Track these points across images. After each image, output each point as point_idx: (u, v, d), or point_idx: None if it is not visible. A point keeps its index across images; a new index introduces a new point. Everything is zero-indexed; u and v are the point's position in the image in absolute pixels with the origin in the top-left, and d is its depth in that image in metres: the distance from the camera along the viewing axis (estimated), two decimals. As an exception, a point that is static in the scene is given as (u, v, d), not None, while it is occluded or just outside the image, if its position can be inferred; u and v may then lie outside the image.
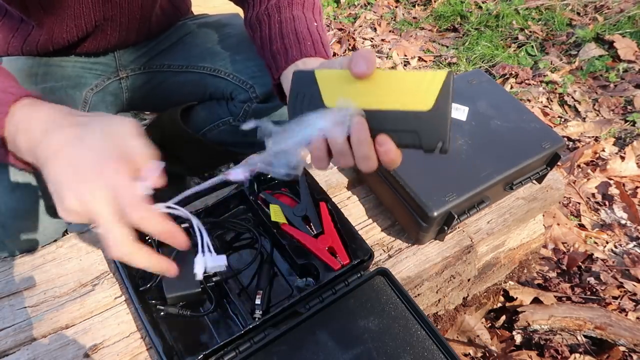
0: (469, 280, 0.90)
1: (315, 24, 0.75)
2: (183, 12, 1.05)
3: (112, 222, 0.43)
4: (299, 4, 0.77)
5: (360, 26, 2.27)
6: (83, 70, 0.93)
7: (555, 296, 1.11)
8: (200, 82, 1.00)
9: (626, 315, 1.07)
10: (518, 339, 1.05)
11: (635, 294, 1.12)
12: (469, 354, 1.03)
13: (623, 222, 1.32)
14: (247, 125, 0.47)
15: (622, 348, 1.01)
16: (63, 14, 0.80)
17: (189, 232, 0.53)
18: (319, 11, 0.79)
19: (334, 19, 2.33)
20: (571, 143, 1.58)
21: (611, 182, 1.42)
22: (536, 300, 1.09)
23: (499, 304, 1.12)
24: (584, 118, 1.67)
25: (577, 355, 1.00)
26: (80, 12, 0.81)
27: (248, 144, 1.08)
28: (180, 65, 1.00)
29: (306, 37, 0.71)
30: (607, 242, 1.27)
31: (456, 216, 0.76)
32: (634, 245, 1.26)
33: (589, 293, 1.12)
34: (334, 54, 2.09)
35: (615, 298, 1.12)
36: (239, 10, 0.98)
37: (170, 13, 1.00)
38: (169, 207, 0.49)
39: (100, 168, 0.44)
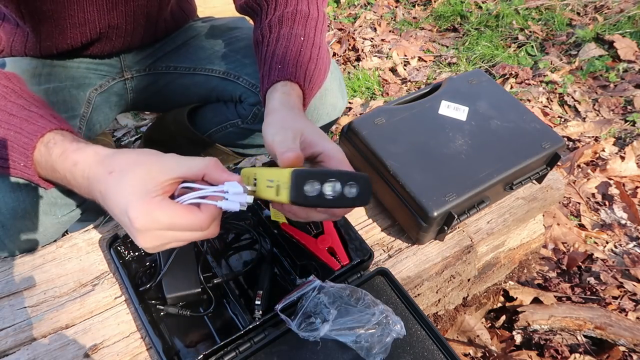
0: (469, 280, 0.90)
1: (302, 38, 0.75)
2: (190, 15, 1.05)
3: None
4: (289, 19, 0.77)
5: (360, 26, 2.27)
6: (87, 71, 0.93)
7: (555, 296, 1.11)
8: (207, 84, 1.00)
9: (626, 315, 1.07)
10: (518, 339, 1.05)
11: (635, 294, 1.12)
12: (469, 354, 1.03)
13: (623, 222, 1.32)
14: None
15: (622, 348, 1.01)
16: (64, 22, 0.80)
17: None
18: (314, 22, 0.78)
19: (334, 19, 2.33)
20: (571, 143, 1.58)
21: (611, 182, 1.42)
22: (536, 300, 1.09)
23: (499, 304, 1.12)
24: (584, 118, 1.67)
25: (577, 355, 1.00)
26: (84, 20, 0.81)
27: (256, 145, 1.09)
28: (187, 67, 1.00)
29: (279, 60, 0.72)
30: (607, 242, 1.27)
31: (456, 216, 0.76)
32: (634, 245, 1.26)
33: (589, 293, 1.12)
34: (334, 54, 2.09)
35: (615, 298, 1.12)
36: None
37: (179, 17, 1.00)
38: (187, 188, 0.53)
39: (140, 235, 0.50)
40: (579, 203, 1.37)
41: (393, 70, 1.99)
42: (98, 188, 0.53)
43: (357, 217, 0.85)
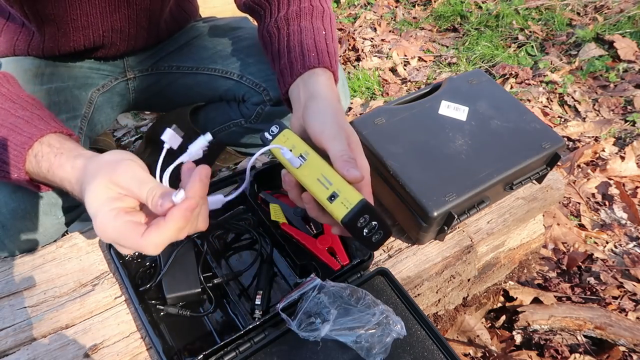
0: (469, 280, 0.90)
1: (324, 32, 0.75)
2: (192, 15, 1.05)
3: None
4: (307, 13, 0.77)
5: (360, 26, 2.27)
6: (90, 71, 0.94)
7: (555, 296, 1.11)
8: (210, 83, 1.00)
9: (626, 315, 1.07)
10: (518, 339, 1.05)
11: (635, 294, 1.12)
12: (469, 354, 1.03)
13: (623, 222, 1.32)
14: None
15: (622, 348, 1.01)
16: (66, 26, 0.80)
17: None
18: (329, 19, 0.79)
19: (334, 19, 2.33)
20: (571, 143, 1.58)
21: (611, 182, 1.42)
22: (536, 300, 1.09)
23: (499, 304, 1.12)
24: (584, 118, 1.67)
25: (577, 355, 1.00)
26: (87, 23, 0.81)
27: (259, 145, 1.09)
28: (189, 66, 1.00)
29: (311, 48, 0.71)
30: (607, 242, 1.27)
31: (456, 216, 0.76)
32: (634, 245, 1.26)
33: (589, 293, 1.12)
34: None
35: (615, 298, 1.12)
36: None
37: (180, 17, 1.00)
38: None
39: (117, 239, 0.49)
40: (579, 203, 1.37)
41: (393, 70, 1.99)
42: (81, 200, 0.54)
43: (357, 217, 0.85)
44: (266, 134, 0.59)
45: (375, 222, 0.53)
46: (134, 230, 0.48)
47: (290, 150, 0.56)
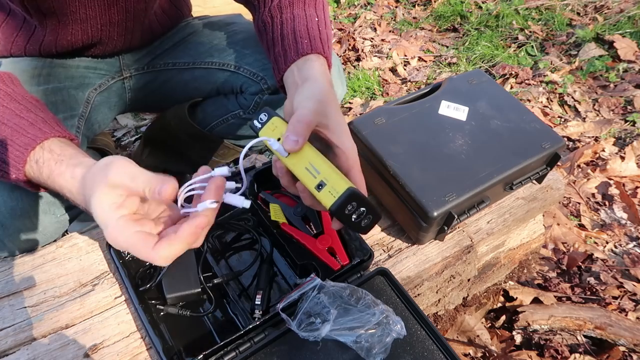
0: (469, 280, 0.90)
1: (317, 19, 0.76)
2: (185, 13, 1.05)
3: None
4: (300, 1, 0.78)
5: (360, 26, 2.27)
6: (87, 70, 0.94)
7: (555, 296, 1.11)
8: (207, 77, 1.01)
9: (626, 315, 1.07)
10: (518, 339, 1.05)
11: (635, 294, 1.12)
12: (469, 354, 1.03)
13: (623, 222, 1.32)
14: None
15: (622, 348, 1.01)
16: (66, 19, 0.81)
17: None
18: (321, 5, 0.80)
19: (334, 19, 2.33)
20: (571, 143, 1.58)
21: (611, 182, 1.42)
22: (536, 300, 1.09)
23: (499, 304, 1.12)
24: (584, 118, 1.67)
25: (577, 355, 1.00)
26: (85, 16, 0.81)
27: (257, 135, 1.09)
28: (186, 62, 1.01)
29: (303, 35, 0.72)
30: (607, 242, 1.27)
31: (456, 216, 0.76)
32: (634, 245, 1.25)
33: (589, 293, 1.12)
34: (334, 54, 2.08)
35: (615, 298, 1.12)
36: (242, 11, 0.98)
37: (172, 13, 1.00)
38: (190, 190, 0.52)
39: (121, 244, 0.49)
40: (579, 203, 1.37)
41: (393, 70, 1.99)
42: (87, 210, 0.54)
43: (357, 217, 0.85)
44: (255, 122, 0.60)
45: (364, 209, 0.53)
46: (145, 242, 0.49)
47: (278, 139, 0.56)
